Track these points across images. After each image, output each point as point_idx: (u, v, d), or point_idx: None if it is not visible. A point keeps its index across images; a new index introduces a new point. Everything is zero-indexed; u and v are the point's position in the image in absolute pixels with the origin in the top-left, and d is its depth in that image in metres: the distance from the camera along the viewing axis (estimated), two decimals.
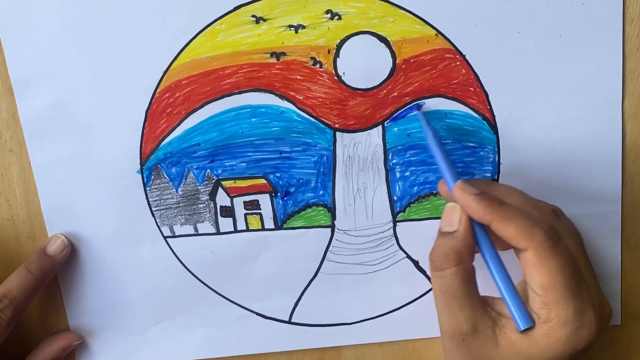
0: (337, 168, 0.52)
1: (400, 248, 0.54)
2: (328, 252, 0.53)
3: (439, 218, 0.52)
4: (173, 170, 0.52)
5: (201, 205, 0.52)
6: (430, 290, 0.54)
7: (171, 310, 0.55)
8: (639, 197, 0.53)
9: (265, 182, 0.52)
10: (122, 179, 0.51)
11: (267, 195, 0.52)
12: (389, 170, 0.52)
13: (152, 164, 0.51)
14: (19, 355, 0.53)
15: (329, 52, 0.49)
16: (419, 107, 0.50)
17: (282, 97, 0.50)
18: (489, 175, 0.52)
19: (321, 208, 0.53)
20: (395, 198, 0.52)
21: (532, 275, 0.42)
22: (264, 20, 0.49)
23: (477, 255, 0.45)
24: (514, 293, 0.43)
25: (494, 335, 0.43)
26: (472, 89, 0.50)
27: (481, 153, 0.52)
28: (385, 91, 0.50)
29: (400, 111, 0.51)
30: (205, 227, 0.53)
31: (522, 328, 0.42)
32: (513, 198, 0.46)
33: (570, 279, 0.41)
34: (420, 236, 0.53)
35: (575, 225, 0.48)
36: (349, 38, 0.49)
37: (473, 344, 0.44)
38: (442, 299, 0.44)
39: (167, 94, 0.50)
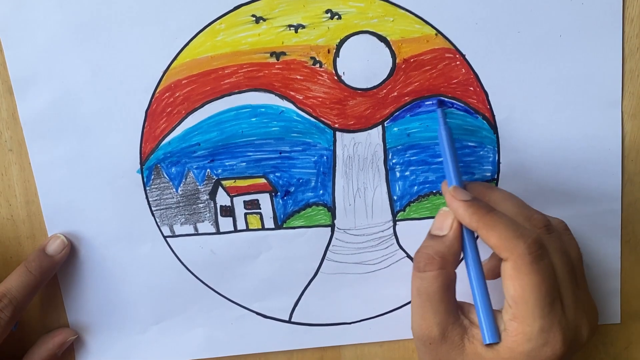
0: (337, 168, 0.52)
1: (400, 247, 0.54)
2: (328, 252, 0.53)
3: None
4: (173, 170, 0.52)
5: (201, 205, 0.52)
6: None
7: (171, 310, 0.55)
8: (639, 197, 0.53)
9: (265, 181, 0.52)
10: (122, 178, 0.51)
11: (267, 195, 0.52)
12: (388, 170, 0.52)
13: (152, 164, 0.51)
14: (18, 354, 0.53)
15: (328, 51, 0.49)
16: (440, 102, 0.50)
17: (282, 96, 0.50)
18: (488, 175, 0.52)
19: (321, 207, 0.53)
20: (395, 197, 0.52)
21: (508, 286, 0.42)
22: (264, 19, 0.49)
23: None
24: (487, 306, 0.44)
25: (461, 343, 0.44)
26: (471, 88, 0.50)
27: (481, 153, 0.52)
28: (385, 91, 0.50)
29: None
30: (205, 226, 0.53)
31: (487, 342, 0.43)
32: (507, 205, 0.46)
33: (543, 297, 0.41)
34: (420, 235, 0.52)
35: (573, 244, 0.47)
36: (349, 38, 0.49)
37: (440, 348, 0.44)
38: (418, 300, 0.44)
39: (167, 94, 0.50)
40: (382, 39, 0.49)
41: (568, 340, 0.42)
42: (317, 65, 0.50)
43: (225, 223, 0.53)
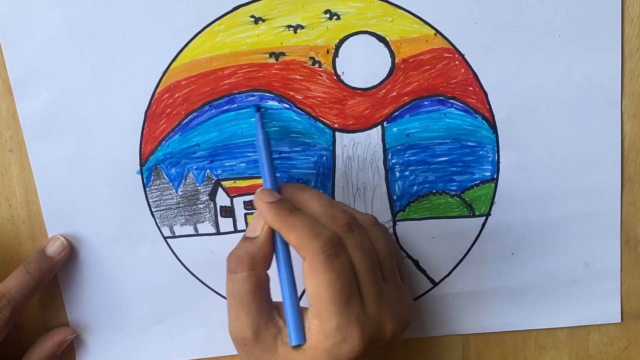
0: (336, 168, 0.52)
1: (400, 247, 0.53)
2: None
3: (438, 217, 0.53)
4: (173, 170, 0.52)
5: (201, 206, 0.53)
6: (430, 289, 0.54)
7: (171, 311, 0.55)
8: (639, 197, 0.53)
9: None
10: (121, 179, 0.52)
11: None
12: (388, 170, 0.52)
13: (152, 165, 0.51)
14: (18, 354, 0.53)
15: (327, 51, 0.49)
16: (258, 108, 0.50)
17: (281, 97, 0.50)
18: (488, 174, 0.52)
19: None
20: (394, 197, 0.52)
21: (307, 285, 0.43)
22: (263, 20, 0.49)
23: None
24: (294, 308, 0.44)
25: (274, 344, 0.44)
26: (471, 88, 0.50)
27: (480, 152, 0.52)
28: (384, 91, 0.50)
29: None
30: (205, 227, 0.53)
31: (293, 344, 0.43)
32: (313, 205, 0.46)
33: (337, 294, 0.42)
34: (420, 235, 0.53)
35: (381, 239, 0.46)
36: (348, 38, 0.49)
37: (254, 349, 0.44)
38: (231, 301, 0.45)
39: (167, 95, 0.50)
40: (381, 39, 0.49)
41: (367, 336, 0.42)
42: (317, 65, 0.50)
43: (225, 223, 0.53)
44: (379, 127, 0.51)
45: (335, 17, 0.49)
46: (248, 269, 0.44)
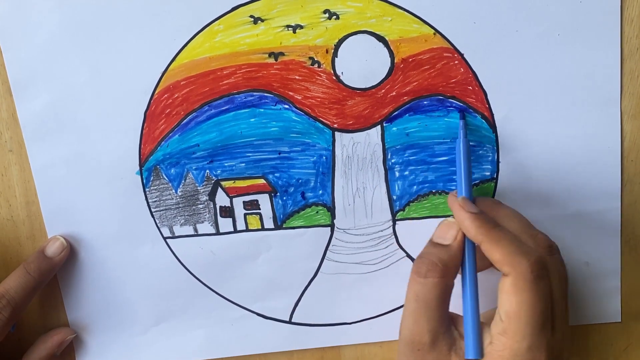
0: (336, 168, 0.52)
1: (400, 247, 0.53)
2: (328, 252, 0.53)
3: (438, 217, 0.53)
4: (172, 171, 0.52)
5: (200, 206, 0.53)
6: None
7: (171, 311, 0.55)
8: (639, 197, 0.53)
9: (265, 182, 0.52)
10: (121, 180, 0.52)
11: (267, 195, 0.52)
12: (388, 170, 0.52)
13: (152, 165, 0.51)
14: (18, 355, 0.53)
15: (327, 51, 0.49)
16: (463, 115, 0.50)
17: (280, 97, 0.50)
18: (487, 174, 0.52)
19: (320, 207, 0.53)
20: (394, 197, 0.52)
21: (503, 301, 0.42)
22: (262, 20, 0.49)
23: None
24: (475, 321, 0.44)
25: (449, 354, 0.44)
26: (470, 87, 0.50)
27: (480, 152, 0.52)
28: (383, 91, 0.50)
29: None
30: (205, 227, 0.53)
31: (469, 357, 0.43)
32: (513, 223, 0.46)
33: (537, 316, 0.42)
34: (420, 235, 0.53)
35: (565, 269, 0.47)
36: (347, 38, 0.49)
37: (427, 356, 0.44)
38: (414, 304, 0.44)
39: (166, 95, 0.50)
40: (380, 38, 0.49)
41: None
42: (316, 65, 0.50)
43: (225, 224, 0.53)
44: (379, 127, 0.51)
45: (335, 16, 0.49)
46: (440, 276, 0.44)
